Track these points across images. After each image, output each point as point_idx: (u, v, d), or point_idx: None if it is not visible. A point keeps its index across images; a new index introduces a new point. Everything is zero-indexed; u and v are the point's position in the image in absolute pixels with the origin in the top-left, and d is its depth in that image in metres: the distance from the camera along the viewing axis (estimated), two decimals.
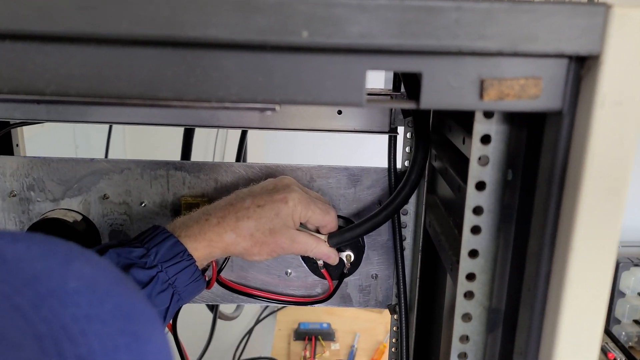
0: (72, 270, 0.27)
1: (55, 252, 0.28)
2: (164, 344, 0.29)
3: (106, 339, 0.25)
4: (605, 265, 0.31)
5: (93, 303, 0.26)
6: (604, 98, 0.29)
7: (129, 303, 0.28)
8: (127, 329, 0.26)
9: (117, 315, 0.26)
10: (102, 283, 0.28)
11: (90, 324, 0.25)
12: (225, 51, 0.30)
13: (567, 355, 0.33)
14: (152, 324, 0.29)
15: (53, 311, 0.24)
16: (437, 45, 0.29)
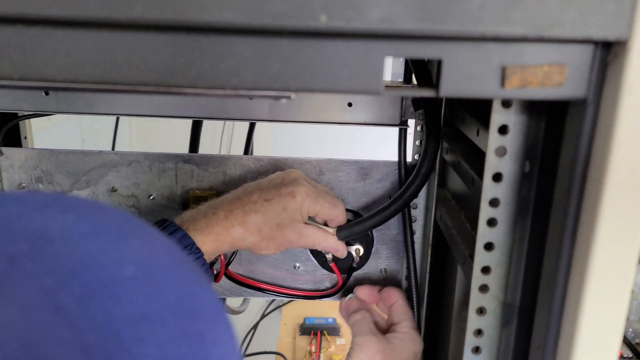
0: (126, 251, 0.23)
1: (107, 226, 0.23)
2: (233, 344, 0.25)
3: (166, 345, 0.21)
4: (628, 260, 0.31)
5: (151, 296, 0.21)
6: (631, 86, 0.28)
7: (193, 294, 0.24)
8: (191, 330, 0.22)
9: (179, 312, 0.22)
10: (161, 267, 0.23)
11: (148, 326, 0.20)
12: (240, 37, 0.29)
13: (586, 351, 0.32)
14: (219, 320, 0.25)
15: (104, 311, 0.20)
16: (459, 31, 0.28)
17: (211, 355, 0.22)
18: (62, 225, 0.22)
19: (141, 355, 0.20)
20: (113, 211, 0.25)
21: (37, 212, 0.22)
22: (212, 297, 0.25)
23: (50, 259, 0.20)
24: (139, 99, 0.67)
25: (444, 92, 0.30)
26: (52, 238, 0.21)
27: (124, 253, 0.22)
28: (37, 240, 0.21)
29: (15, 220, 0.21)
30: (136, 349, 0.19)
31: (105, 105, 0.67)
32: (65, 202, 0.24)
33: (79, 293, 0.19)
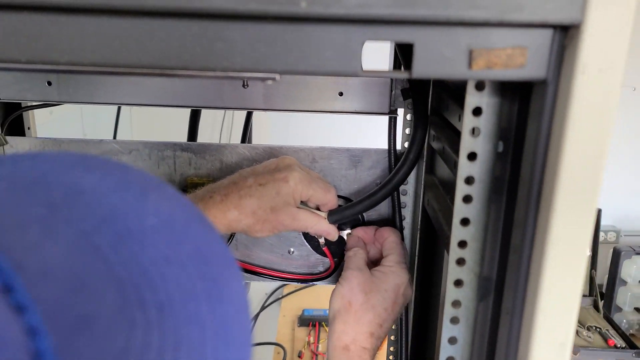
0: (149, 205, 0.25)
1: (130, 183, 0.26)
2: (242, 288, 0.28)
3: (186, 284, 0.23)
4: (584, 228, 0.33)
5: (171, 243, 0.24)
6: (584, 66, 0.30)
7: (207, 243, 0.26)
8: (206, 273, 0.25)
9: (195, 258, 0.25)
10: (179, 220, 0.26)
11: (169, 268, 0.23)
12: (229, 22, 0.32)
13: (548, 312, 0.35)
14: (230, 268, 0.27)
15: (132, 252, 0.22)
16: (429, 15, 0.30)
17: (223, 295, 0.25)
18: (91, 181, 0.25)
19: (164, 290, 0.23)
20: (135, 170, 0.28)
21: (68, 169, 0.25)
22: (224, 247, 0.28)
23: (84, 207, 0.23)
24: (139, 88, 0.69)
25: (416, 74, 0.33)
26: (83, 191, 0.24)
27: (146, 206, 0.25)
28: (70, 192, 0.23)
29: (49, 175, 0.24)
30: (160, 284, 0.22)
31: (106, 95, 0.69)
32: (91, 162, 0.27)
33: (110, 237, 0.22)
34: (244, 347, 0.26)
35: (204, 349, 0.23)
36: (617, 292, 1.81)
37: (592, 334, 1.62)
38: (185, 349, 0.22)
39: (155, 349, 0.21)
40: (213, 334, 0.24)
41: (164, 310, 0.22)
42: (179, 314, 0.23)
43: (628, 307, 1.80)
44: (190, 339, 0.23)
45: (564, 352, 0.36)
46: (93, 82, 0.68)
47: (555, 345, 0.35)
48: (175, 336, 0.22)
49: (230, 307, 0.26)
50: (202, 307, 0.24)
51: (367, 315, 0.62)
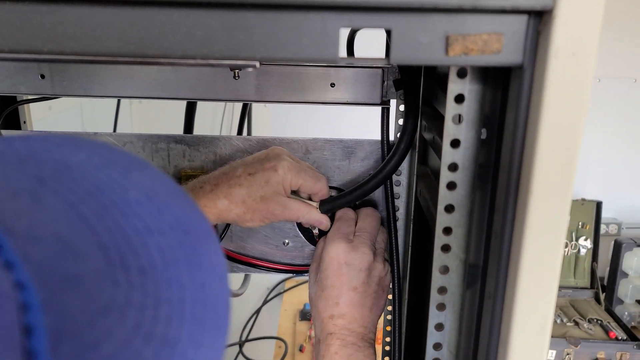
0: (132, 181, 0.27)
1: (115, 161, 0.28)
2: (220, 257, 0.30)
3: (166, 251, 0.25)
4: (561, 212, 0.34)
5: (153, 214, 0.26)
6: (557, 50, 0.31)
7: (187, 216, 0.28)
8: (185, 242, 0.26)
9: (176, 228, 0.26)
10: (160, 194, 0.27)
11: (150, 236, 0.25)
12: (207, 10, 0.32)
13: (528, 296, 0.35)
14: (209, 238, 0.29)
15: (116, 222, 0.24)
16: (403, 2, 0.31)
17: (202, 262, 0.27)
18: (78, 159, 0.27)
19: (147, 257, 0.24)
20: (120, 150, 0.30)
21: (57, 148, 0.27)
22: (204, 221, 0.30)
23: (71, 181, 0.25)
24: (132, 81, 0.70)
25: (394, 60, 0.33)
26: (70, 167, 0.26)
27: (129, 182, 0.27)
28: (59, 167, 0.25)
29: (40, 153, 0.26)
30: (142, 251, 0.24)
31: (100, 87, 0.70)
32: (79, 141, 0.29)
33: (95, 208, 0.24)
34: (221, 310, 0.28)
35: (182, 308, 0.25)
36: (619, 285, 1.81)
37: (593, 326, 1.63)
38: (165, 307, 0.24)
39: (136, 306, 0.23)
40: (192, 295, 0.25)
41: (145, 274, 0.24)
42: (159, 277, 0.24)
43: (629, 300, 1.80)
44: (170, 299, 0.24)
45: (544, 336, 0.36)
46: (87, 74, 0.69)
47: (535, 328, 0.36)
48: (156, 296, 0.24)
49: (208, 274, 0.27)
50: (182, 271, 0.25)
51: (320, 302, 0.62)
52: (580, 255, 1.79)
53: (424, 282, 0.74)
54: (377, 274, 0.65)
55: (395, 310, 0.74)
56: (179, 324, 0.24)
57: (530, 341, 0.36)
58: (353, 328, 0.62)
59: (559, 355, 1.52)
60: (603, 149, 1.88)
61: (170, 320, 0.24)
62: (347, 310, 0.62)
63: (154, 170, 0.30)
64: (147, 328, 0.23)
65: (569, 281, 1.81)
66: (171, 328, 0.24)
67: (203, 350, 0.26)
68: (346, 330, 0.61)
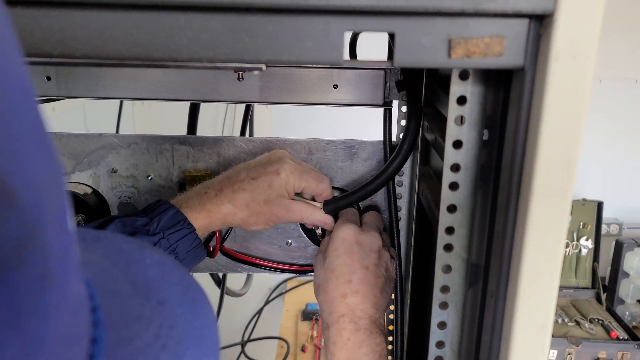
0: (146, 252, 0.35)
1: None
2: (212, 312, 0.36)
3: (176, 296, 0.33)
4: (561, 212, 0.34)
5: (165, 272, 0.34)
6: (557, 53, 0.31)
7: (187, 278, 0.36)
8: (188, 294, 0.34)
9: (181, 284, 0.34)
10: (167, 263, 0.35)
11: (164, 284, 0.33)
12: (213, 14, 0.33)
13: (529, 295, 0.36)
14: (204, 297, 0.35)
15: (138, 270, 0.32)
16: (406, 5, 0.31)
17: (201, 312, 0.34)
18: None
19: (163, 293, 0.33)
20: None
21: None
22: (199, 286, 0.36)
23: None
24: (137, 83, 0.71)
25: (398, 63, 0.34)
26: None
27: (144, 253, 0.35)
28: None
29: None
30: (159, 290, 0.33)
31: (105, 89, 0.71)
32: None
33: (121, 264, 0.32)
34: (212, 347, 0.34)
35: (187, 335, 0.31)
36: (620, 285, 1.81)
37: (595, 326, 1.63)
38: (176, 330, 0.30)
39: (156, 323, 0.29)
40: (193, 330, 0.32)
41: (162, 304, 0.31)
42: (173, 309, 0.31)
43: (630, 299, 1.80)
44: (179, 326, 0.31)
45: (545, 334, 0.36)
46: (92, 76, 0.69)
47: (536, 326, 0.36)
48: (170, 320, 0.30)
49: (206, 322, 0.34)
50: (186, 311, 0.32)
51: (330, 283, 0.62)
52: (582, 255, 1.79)
53: (426, 282, 0.74)
54: (386, 260, 0.65)
55: (397, 309, 0.75)
56: (185, 345, 0.30)
57: (532, 339, 0.37)
58: (365, 308, 0.60)
59: (561, 355, 1.53)
60: (604, 149, 1.88)
61: (180, 341, 0.30)
62: (359, 287, 0.60)
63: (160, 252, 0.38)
64: (164, 340, 0.29)
65: (570, 281, 1.81)
66: (180, 346, 0.30)
67: None
68: (359, 312, 0.59)
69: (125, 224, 0.58)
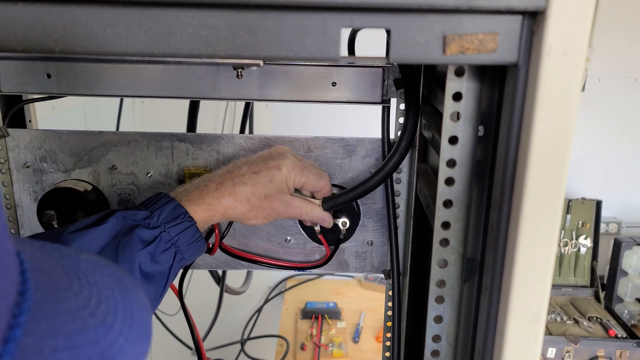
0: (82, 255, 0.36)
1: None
2: (146, 302, 0.37)
3: (106, 280, 0.34)
4: (554, 206, 0.35)
5: (97, 268, 0.35)
6: (550, 49, 0.32)
7: (123, 273, 0.37)
8: (119, 283, 0.35)
9: (113, 276, 0.35)
10: (102, 263, 0.36)
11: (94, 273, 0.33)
12: (213, 10, 0.33)
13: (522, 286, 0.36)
14: (137, 288, 0.37)
15: (70, 262, 0.33)
16: (401, 2, 0.32)
17: (131, 297, 0.35)
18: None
19: (92, 279, 0.33)
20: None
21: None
22: (136, 282, 0.40)
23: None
24: (137, 80, 0.71)
25: (393, 59, 0.35)
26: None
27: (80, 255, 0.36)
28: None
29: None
30: (89, 276, 0.33)
31: (105, 86, 0.71)
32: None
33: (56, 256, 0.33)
34: (145, 330, 0.35)
35: (116, 311, 0.32)
36: (618, 283, 1.81)
37: (593, 325, 1.63)
38: (104, 304, 0.32)
39: (85, 295, 0.31)
40: (123, 310, 0.33)
41: (91, 284, 0.32)
42: (100, 289, 0.33)
43: (629, 298, 1.80)
44: (108, 302, 0.32)
45: (538, 323, 0.37)
46: (92, 74, 0.70)
47: (529, 316, 0.37)
48: (98, 297, 0.32)
49: (136, 305, 0.35)
50: (116, 294, 0.34)
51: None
52: (580, 254, 1.80)
53: (424, 278, 0.75)
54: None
55: (395, 306, 0.76)
56: (114, 318, 0.32)
57: (525, 329, 0.37)
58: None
59: (559, 353, 1.53)
60: (603, 148, 1.89)
61: (107, 313, 0.31)
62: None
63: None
64: (92, 308, 0.31)
65: (569, 280, 1.82)
66: (108, 317, 0.31)
67: (130, 344, 0.32)
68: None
69: (125, 217, 0.59)
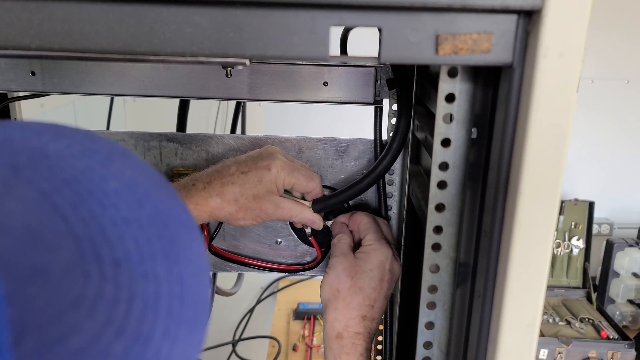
0: (112, 171, 0.26)
1: (96, 150, 0.27)
2: (201, 251, 0.29)
3: (143, 243, 0.24)
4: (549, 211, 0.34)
5: (132, 206, 0.25)
6: (546, 50, 0.31)
7: (168, 208, 0.27)
8: (164, 235, 0.26)
9: (155, 220, 0.26)
10: (142, 185, 0.27)
11: (128, 228, 0.24)
12: (197, 7, 0.32)
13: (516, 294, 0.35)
14: (191, 232, 0.28)
15: (92, 213, 0.23)
16: (392, 1, 0.31)
17: (181, 257, 0.26)
18: (56, 147, 0.26)
19: (122, 249, 0.24)
20: (102, 139, 0.29)
21: (36, 135, 0.26)
22: (186, 213, 0.29)
23: (46, 170, 0.24)
24: (124, 79, 0.70)
25: (384, 58, 0.33)
26: (48, 155, 0.25)
27: (109, 171, 0.26)
28: (35, 155, 0.25)
29: (17, 140, 0.25)
30: (118, 243, 0.23)
31: (91, 85, 0.70)
32: (59, 129, 0.28)
33: (70, 197, 0.23)
34: (200, 305, 0.27)
35: (158, 303, 0.24)
36: (610, 284, 1.82)
37: (585, 326, 1.63)
38: (139, 302, 0.23)
39: (108, 300, 0.22)
40: (168, 290, 0.25)
41: (119, 266, 0.23)
42: (134, 270, 0.24)
43: (621, 299, 1.81)
44: (144, 294, 0.24)
45: (532, 333, 0.36)
46: (78, 72, 0.68)
47: (523, 326, 0.36)
48: (130, 289, 0.23)
49: (187, 268, 0.26)
50: (159, 265, 0.25)
51: (355, 299, 0.62)
52: (573, 255, 1.80)
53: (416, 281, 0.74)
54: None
55: (387, 310, 0.74)
56: (154, 319, 0.24)
57: (519, 339, 0.36)
58: (375, 334, 0.63)
59: (551, 354, 1.53)
60: (596, 149, 1.89)
61: (144, 316, 0.23)
62: (378, 316, 0.63)
63: (137, 159, 0.29)
64: (119, 323, 0.22)
65: (562, 281, 1.82)
66: (145, 323, 0.23)
67: (179, 346, 0.25)
68: (371, 336, 0.62)
69: None
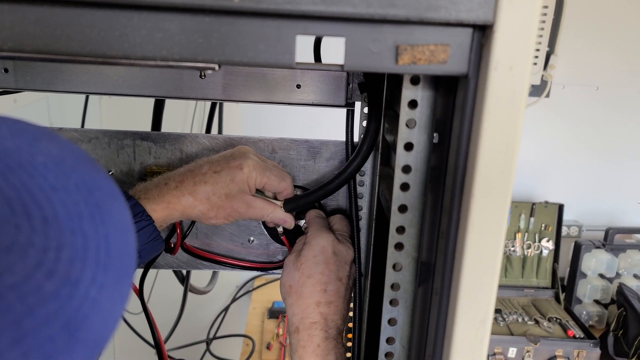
0: (39, 148, 0.29)
1: (24, 131, 0.30)
2: (126, 215, 0.32)
3: (70, 206, 0.27)
4: (500, 210, 0.36)
5: (59, 176, 0.28)
6: (497, 63, 0.33)
7: (93, 178, 0.30)
8: (90, 200, 0.29)
9: (81, 188, 0.29)
10: (68, 160, 0.30)
11: (55, 193, 0.27)
12: (167, 13, 0.33)
13: (469, 292, 0.37)
14: (115, 198, 0.31)
15: (21, 181, 0.26)
16: (354, 12, 0.32)
17: (105, 217, 0.29)
18: None
19: (49, 208, 0.26)
20: (28, 123, 0.32)
21: None
22: (110, 183, 0.32)
23: None
24: (98, 77, 0.70)
25: (347, 67, 0.35)
26: None
27: (37, 149, 0.29)
28: None
29: None
30: (46, 204, 0.26)
31: (65, 83, 0.70)
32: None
33: (1, 169, 0.26)
34: (126, 258, 0.30)
35: (85, 254, 0.27)
36: (578, 285, 1.87)
37: (553, 325, 1.68)
38: (67, 251, 0.26)
39: (38, 247, 0.25)
40: (95, 245, 0.28)
41: (48, 222, 0.26)
42: (62, 226, 0.27)
43: (587, 299, 1.86)
44: (73, 245, 0.27)
45: (484, 329, 0.38)
46: (51, 69, 0.68)
47: (476, 322, 0.38)
48: (59, 241, 0.26)
49: (112, 228, 0.29)
50: (85, 224, 0.28)
51: (306, 288, 0.63)
52: (543, 256, 1.84)
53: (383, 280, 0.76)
54: (353, 272, 0.68)
55: (356, 307, 0.76)
56: (82, 267, 0.26)
57: (472, 334, 0.38)
58: (336, 319, 0.63)
59: (519, 352, 1.57)
60: (566, 153, 1.94)
61: (73, 263, 0.26)
62: (333, 298, 0.63)
63: (63, 140, 0.32)
64: (49, 266, 0.25)
65: (532, 281, 1.86)
66: (74, 269, 0.26)
67: (106, 292, 0.28)
68: (330, 321, 0.62)
69: None
